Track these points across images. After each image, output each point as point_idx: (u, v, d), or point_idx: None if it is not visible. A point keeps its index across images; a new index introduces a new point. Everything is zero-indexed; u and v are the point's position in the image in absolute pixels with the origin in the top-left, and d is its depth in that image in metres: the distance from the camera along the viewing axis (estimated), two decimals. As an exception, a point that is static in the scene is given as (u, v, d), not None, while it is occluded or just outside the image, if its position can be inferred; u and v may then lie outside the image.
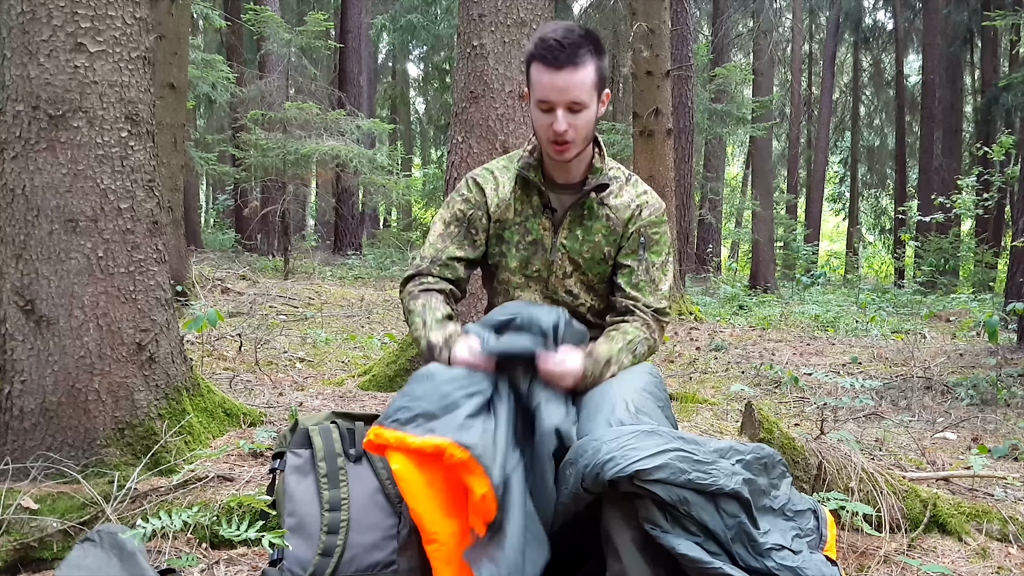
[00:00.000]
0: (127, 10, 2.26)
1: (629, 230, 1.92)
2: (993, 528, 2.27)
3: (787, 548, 1.53)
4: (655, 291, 1.91)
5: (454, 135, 3.69)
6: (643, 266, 1.91)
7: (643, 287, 1.90)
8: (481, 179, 1.97)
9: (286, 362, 4.56)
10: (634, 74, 7.71)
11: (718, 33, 16.03)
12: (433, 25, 15.40)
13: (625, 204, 1.93)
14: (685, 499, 1.43)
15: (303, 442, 1.95)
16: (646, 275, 1.91)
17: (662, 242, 1.95)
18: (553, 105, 1.76)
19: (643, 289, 1.90)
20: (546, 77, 1.74)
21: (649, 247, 1.92)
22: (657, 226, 1.94)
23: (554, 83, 1.74)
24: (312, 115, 10.35)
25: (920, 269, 14.82)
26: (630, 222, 1.92)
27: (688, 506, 1.43)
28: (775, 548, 1.50)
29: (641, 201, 1.94)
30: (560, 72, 1.73)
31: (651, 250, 1.92)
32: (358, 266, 12.89)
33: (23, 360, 2.18)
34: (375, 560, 1.84)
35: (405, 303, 1.91)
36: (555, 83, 1.74)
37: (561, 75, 1.73)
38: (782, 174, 24.07)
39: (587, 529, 1.59)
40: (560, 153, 1.82)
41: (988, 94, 16.06)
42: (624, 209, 1.93)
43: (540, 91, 1.77)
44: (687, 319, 7.95)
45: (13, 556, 1.92)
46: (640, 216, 1.92)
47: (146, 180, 2.32)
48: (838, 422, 3.79)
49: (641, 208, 1.93)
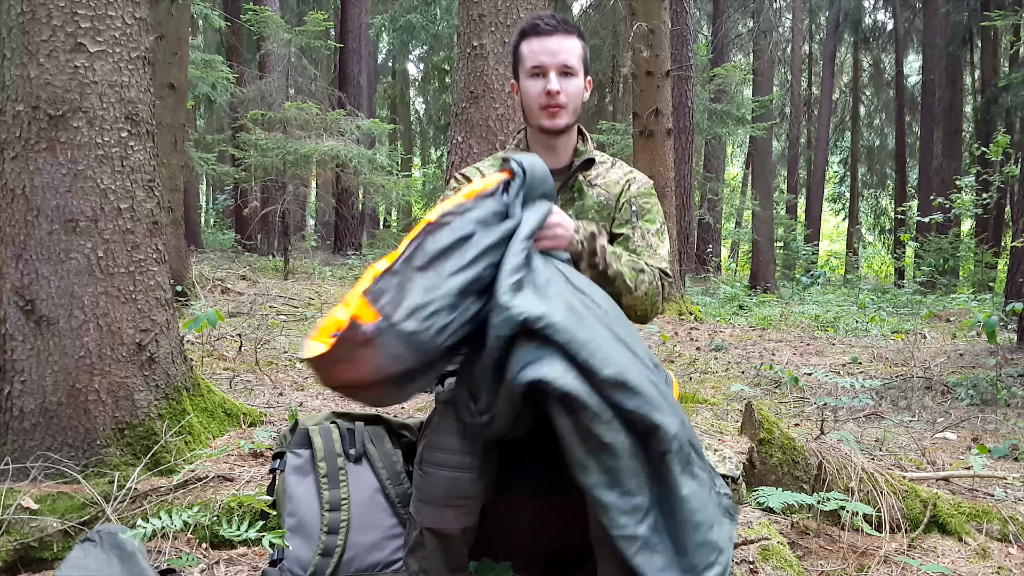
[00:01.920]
0: (127, 10, 2.26)
1: (620, 203, 1.95)
2: (993, 528, 2.27)
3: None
4: (654, 254, 1.92)
5: (454, 135, 3.69)
6: (639, 232, 1.93)
7: (641, 251, 1.91)
8: (469, 173, 2.01)
9: (286, 362, 4.56)
10: (634, 74, 7.71)
11: (718, 33, 16.03)
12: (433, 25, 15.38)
13: (615, 180, 1.97)
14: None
15: (303, 442, 1.96)
16: (643, 240, 1.93)
17: (654, 211, 1.97)
18: (545, 68, 1.84)
19: (642, 253, 1.91)
20: (537, 43, 1.84)
21: (642, 216, 1.95)
22: (647, 197, 1.97)
23: (546, 46, 1.83)
24: (312, 115, 10.35)
25: (920, 269, 14.82)
26: (621, 196, 1.95)
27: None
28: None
29: (628, 178, 1.98)
30: (552, 37, 1.84)
31: (644, 218, 1.95)
32: (358, 266, 12.89)
33: (23, 360, 2.18)
34: (375, 560, 1.84)
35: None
36: (547, 46, 1.83)
37: (552, 39, 1.84)
38: (782, 174, 24.07)
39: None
40: (552, 118, 1.85)
41: (988, 94, 16.06)
42: (614, 185, 1.96)
43: (532, 58, 1.85)
44: (687, 319, 7.94)
45: (13, 556, 1.92)
46: (629, 190, 1.96)
47: (146, 180, 2.32)
48: (838, 422, 3.79)
49: (630, 183, 1.97)
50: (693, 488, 1.45)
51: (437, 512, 1.58)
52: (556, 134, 1.90)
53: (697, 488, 1.45)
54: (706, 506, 1.46)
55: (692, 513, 1.43)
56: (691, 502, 1.43)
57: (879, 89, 24.26)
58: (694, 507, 1.43)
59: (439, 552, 1.61)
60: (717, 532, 1.47)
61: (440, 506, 1.57)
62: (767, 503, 2.10)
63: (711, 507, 1.47)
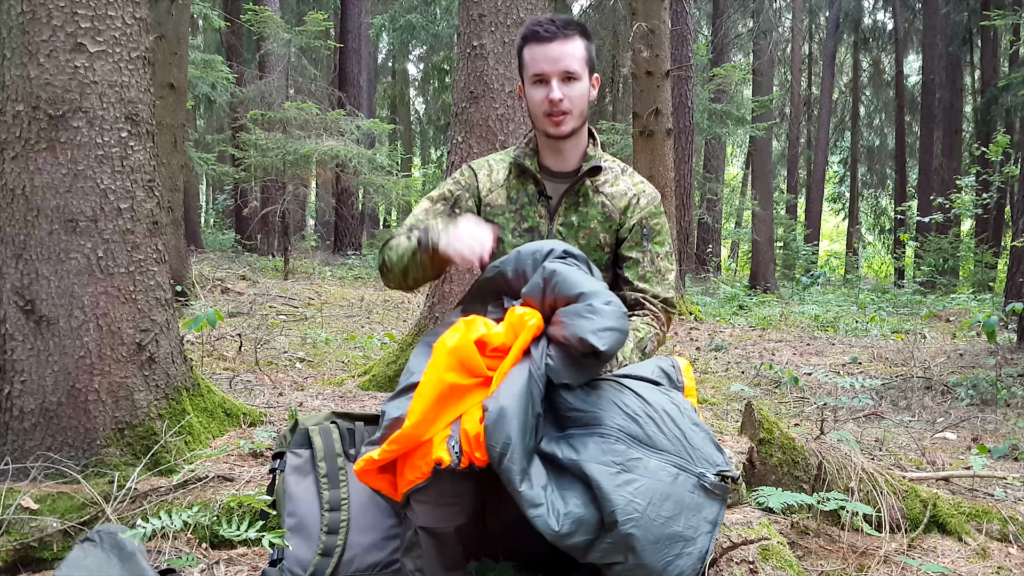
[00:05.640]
0: (127, 10, 2.25)
1: (629, 221, 1.94)
2: (993, 528, 2.27)
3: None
4: (662, 281, 1.94)
5: (454, 135, 3.69)
6: (648, 257, 1.94)
7: (650, 278, 1.92)
8: (476, 166, 2.02)
9: (286, 362, 4.56)
10: (634, 74, 7.71)
11: (718, 33, 16.04)
12: (433, 25, 15.37)
13: (621, 192, 1.96)
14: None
15: (303, 442, 1.96)
16: (652, 266, 1.94)
17: (663, 232, 1.98)
18: (547, 76, 1.83)
19: (651, 280, 1.92)
20: (538, 50, 1.83)
21: (652, 238, 1.95)
22: (657, 216, 1.97)
23: (546, 54, 1.82)
24: (312, 115, 10.35)
25: (920, 269, 14.83)
26: (628, 211, 1.94)
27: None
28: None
29: (638, 190, 1.97)
30: (551, 43, 1.82)
31: (654, 241, 1.95)
32: (358, 266, 12.89)
33: (23, 360, 2.18)
34: (375, 560, 1.84)
35: (383, 252, 1.92)
36: (547, 54, 1.82)
37: (552, 46, 1.82)
38: (782, 174, 24.07)
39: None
40: (557, 125, 1.85)
41: (988, 94, 16.05)
42: (620, 197, 1.95)
43: (534, 66, 1.84)
44: (687, 319, 7.95)
45: (13, 556, 1.91)
46: (638, 205, 1.95)
47: (146, 180, 2.32)
48: (838, 422, 3.79)
49: (639, 197, 1.96)
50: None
51: (430, 511, 1.58)
52: (562, 139, 1.90)
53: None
54: (663, 499, 1.46)
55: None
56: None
57: (879, 89, 24.26)
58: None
59: (434, 551, 1.61)
60: (686, 520, 1.46)
61: (433, 505, 1.57)
62: (767, 503, 2.10)
63: (673, 498, 1.47)
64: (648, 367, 1.74)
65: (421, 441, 1.47)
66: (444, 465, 1.44)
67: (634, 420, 1.52)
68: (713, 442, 1.57)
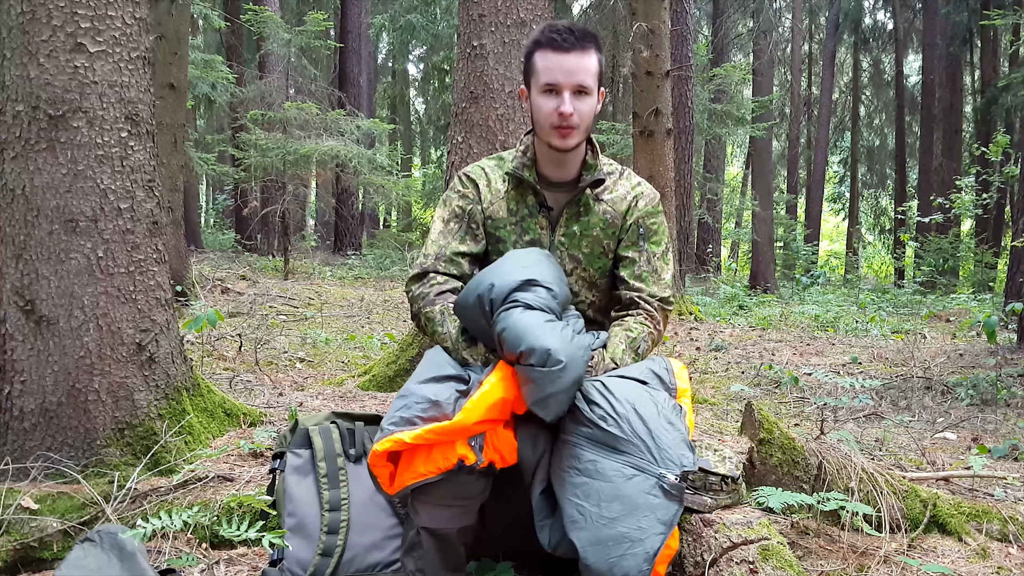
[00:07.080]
0: (127, 10, 2.25)
1: (627, 222, 1.93)
2: (993, 528, 2.27)
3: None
4: (658, 280, 1.92)
5: (454, 135, 3.69)
6: (644, 256, 1.92)
7: (646, 277, 1.91)
8: (474, 175, 1.97)
9: (286, 362, 4.56)
10: (634, 74, 7.71)
11: (718, 33, 16.04)
12: (433, 25, 15.37)
13: (621, 196, 1.94)
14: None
15: (303, 442, 1.96)
16: (648, 265, 1.92)
17: (660, 231, 1.96)
18: (560, 87, 1.78)
19: (646, 279, 1.91)
20: (554, 60, 1.77)
21: (649, 238, 1.93)
22: (654, 216, 1.96)
23: (562, 65, 1.77)
24: (312, 115, 10.35)
25: (920, 269, 14.82)
26: (627, 214, 1.93)
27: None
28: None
29: (637, 192, 1.96)
30: (569, 54, 1.76)
31: (651, 240, 1.93)
32: (358, 266, 12.89)
33: (23, 360, 2.18)
34: (375, 560, 1.84)
35: (421, 307, 1.83)
36: (564, 65, 1.77)
37: (570, 57, 1.77)
38: (782, 174, 24.07)
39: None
40: (563, 139, 1.81)
41: (988, 94, 16.05)
42: (620, 202, 1.94)
43: (547, 75, 1.78)
44: (687, 319, 7.95)
45: (13, 556, 1.92)
46: (637, 207, 1.94)
47: (146, 180, 2.32)
48: (838, 422, 3.79)
49: (637, 199, 1.94)
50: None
51: (434, 512, 1.58)
52: (566, 152, 1.87)
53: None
54: (611, 500, 1.49)
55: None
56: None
57: (879, 89, 24.26)
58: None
59: (436, 552, 1.61)
60: (635, 521, 1.47)
61: (437, 506, 1.57)
62: (767, 503, 2.10)
63: (622, 499, 1.50)
64: (638, 369, 1.73)
65: (456, 438, 1.50)
66: (469, 462, 1.48)
67: (595, 425, 1.56)
68: (685, 442, 1.58)
